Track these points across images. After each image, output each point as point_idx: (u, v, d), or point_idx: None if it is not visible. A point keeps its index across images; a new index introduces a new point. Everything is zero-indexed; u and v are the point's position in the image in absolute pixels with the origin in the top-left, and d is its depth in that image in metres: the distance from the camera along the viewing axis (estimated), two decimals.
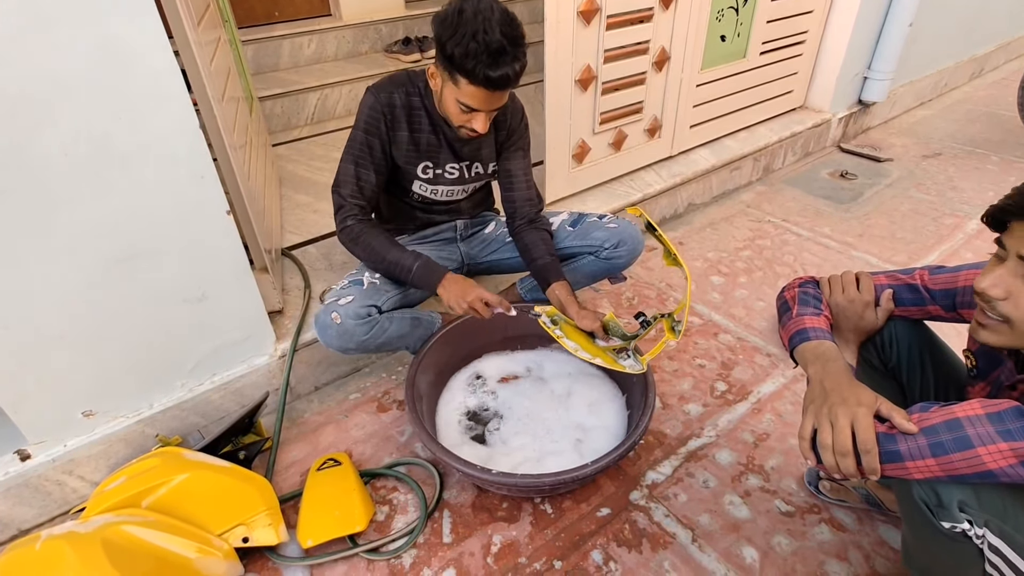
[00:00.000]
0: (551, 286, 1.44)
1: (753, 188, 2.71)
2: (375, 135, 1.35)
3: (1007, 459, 0.71)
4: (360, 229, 1.38)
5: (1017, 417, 0.71)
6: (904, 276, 1.04)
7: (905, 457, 0.77)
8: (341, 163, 1.38)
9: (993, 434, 0.72)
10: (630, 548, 1.24)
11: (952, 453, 0.74)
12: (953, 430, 0.74)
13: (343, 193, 1.38)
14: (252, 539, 1.19)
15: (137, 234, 1.19)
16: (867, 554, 1.22)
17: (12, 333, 1.13)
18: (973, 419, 0.74)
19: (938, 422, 0.76)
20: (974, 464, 0.73)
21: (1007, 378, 0.89)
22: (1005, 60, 4.22)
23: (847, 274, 1.06)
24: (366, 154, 1.36)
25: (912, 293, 1.02)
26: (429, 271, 1.36)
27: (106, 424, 1.33)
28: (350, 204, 1.38)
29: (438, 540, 1.27)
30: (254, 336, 1.47)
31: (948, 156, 2.96)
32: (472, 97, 1.22)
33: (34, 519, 1.32)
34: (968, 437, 0.73)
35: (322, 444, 1.49)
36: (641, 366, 1.32)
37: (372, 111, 1.33)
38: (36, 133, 1.02)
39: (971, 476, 0.75)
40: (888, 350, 1.07)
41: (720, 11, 2.27)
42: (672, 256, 1.26)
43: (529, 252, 1.49)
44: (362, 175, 1.37)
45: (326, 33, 3.16)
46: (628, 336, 1.37)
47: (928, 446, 0.75)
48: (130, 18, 1.03)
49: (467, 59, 1.15)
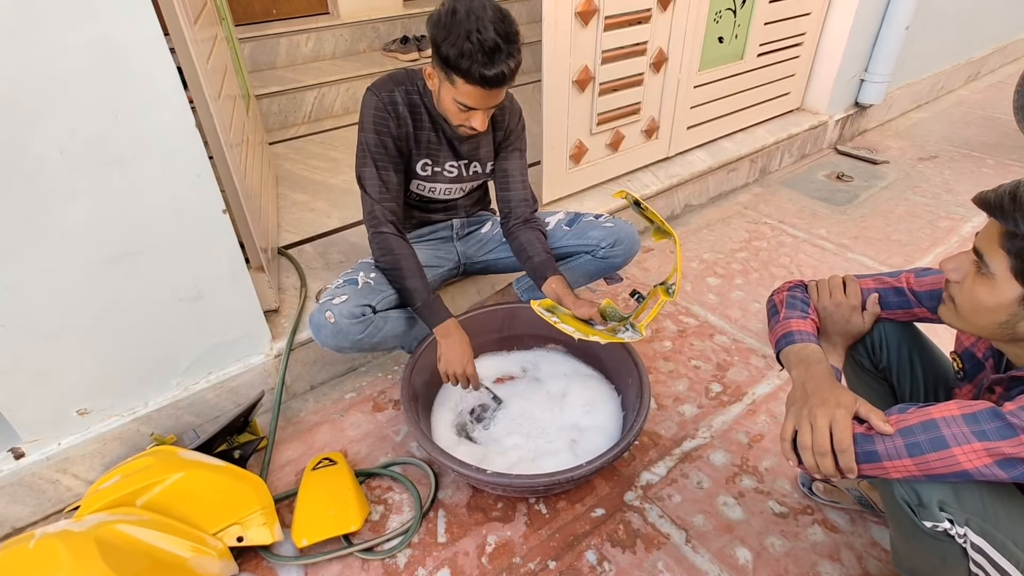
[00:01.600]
0: (547, 281, 1.44)
1: (750, 189, 2.71)
2: (386, 133, 1.34)
3: (981, 459, 0.73)
4: (396, 243, 1.37)
5: (992, 418, 0.73)
6: (890, 279, 1.05)
7: (883, 457, 0.79)
8: (362, 169, 1.36)
9: (968, 434, 0.74)
10: (624, 548, 1.25)
11: (928, 453, 0.76)
12: (929, 431, 0.76)
13: (372, 195, 1.36)
14: (247, 538, 1.19)
15: (132, 232, 1.18)
16: (860, 555, 1.23)
17: (7, 331, 1.12)
18: (949, 419, 0.76)
19: (914, 423, 0.78)
20: (950, 464, 0.75)
21: (987, 380, 0.91)
22: (1001, 63, 4.24)
23: (834, 278, 1.08)
24: (383, 154, 1.34)
25: (898, 296, 1.04)
26: (432, 312, 1.39)
27: (101, 422, 1.33)
28: (381, 208, 1.36)
29: (433, 540, 1.27)
30: (250, 335, 1.47)
31: (944, 159, 2.97)
32: (469, 96, 1.22)
33: (28, 517, 1.31)
34: (943, 437, 0.75)
35: (317, 443, 1.49)
36: (640, 334, 1.31)
37: (378, 110, 1.33)
38: (31, 131, 1.01)
39: (948, 476, 0.76)
40: (879, 352, 1.08)
41: (718, 13, 2.27)
42: (662, 230, 1.26)
43: (524, 250, 1.49)
44: (384, 176, 1.36)
45: (324, 31, 3.15)
46: (625, 316, 1.37)
47: (904, 446, 0.77)
48: (126, 16, 1.02)
49: (462, 59, 1.15)
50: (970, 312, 0.82)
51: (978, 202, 0.80)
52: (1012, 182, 0.78)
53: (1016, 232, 0.74)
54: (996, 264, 0.77)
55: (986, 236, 0.79)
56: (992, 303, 0.78)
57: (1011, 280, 0.76)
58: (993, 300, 0.78)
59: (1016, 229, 0.74)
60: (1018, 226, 0.74)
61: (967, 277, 0.82)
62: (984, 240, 0.79)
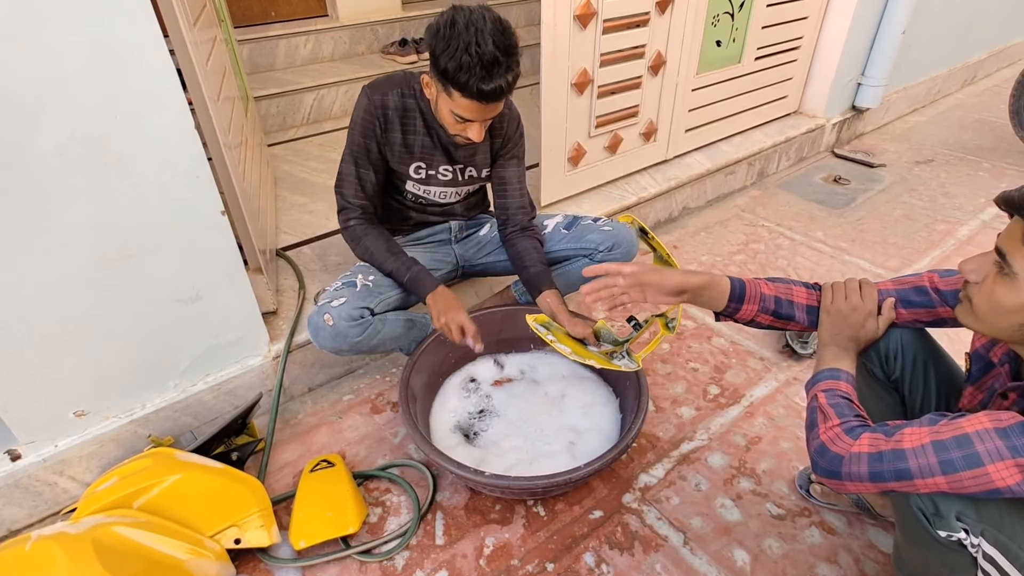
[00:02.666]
0: (542, 294, 1.44)
1: (747, 192, 2.72)
2: (370, 137, 1.36)
3: (1014, 476, 0.71)
4: (362, 231, 1.41)
5: (1022, 432, 0.71)
6: (911, 278, 1.02)
7: (915, 475, 0.77)
8: (342, 163, 1.40)
9: (1002, 449, 0.71)
10: (622, 550, 1.25)
11: (962, 471, 0.73)
12: (963, 447, 0.74)
13: (345, 193, 1.41)
14: (244, 540, 1.19)
15: (131, 234, 1.18)
16: (857, 557, 1.23)
17: (4, 332, 1.12)
18: (982, 434, 0.73)
19: (947, 437, 0.75)
20: (983, 482, 0.73)
21: (1000, 385, 0.89)
22: (997, 67, 4.26)
23: (850, 281, 1.04)
24: (364, 155, 1.38)
25: (920, 295, 1.00)
26: (419, 283, 1.40)
27: (98, 424, 1.33)
28: (352, 205, 1.41)
29: (431, 542, 1.27)
30: (248, 337, 1.47)
31: (940, 162, 2.98)
32: (466, 109, 1.22)
33: (24, 519, 1.31)
34: (978, 454, 0.73)
35: (315, 445, 1.49)
36: (636, 364, 1.32)
37: (366, 113, 1.34)
38: (30, 132, 1.01)
39: (978, 494, 0.74)
40: (892, 362, 1.05)
41: (716, 16, 2.28)
42: (664, 260, 1.27)
43: (521, 260, 1.49)
44: (362, 175, 1.39)
45: (322, 33, 3.16)
46: (620, 341, 1.38)
47: (939, 464, 0.75)
48: (126, 18, 1.02)
49: (460, 72, 1.14)
50: (989, 313, 0.80)
51: (1002, 201, 0.77)
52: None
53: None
54: (1020, 263, 0.74)
55: (1009, 236, 0.76)
56: (1013, 304, 0.76)
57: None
58: (1014, 301, 0.76)
59: None
60: None
61: (987, 278, 0.79)
62: (1007, 240, 0.77)
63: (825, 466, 0.86)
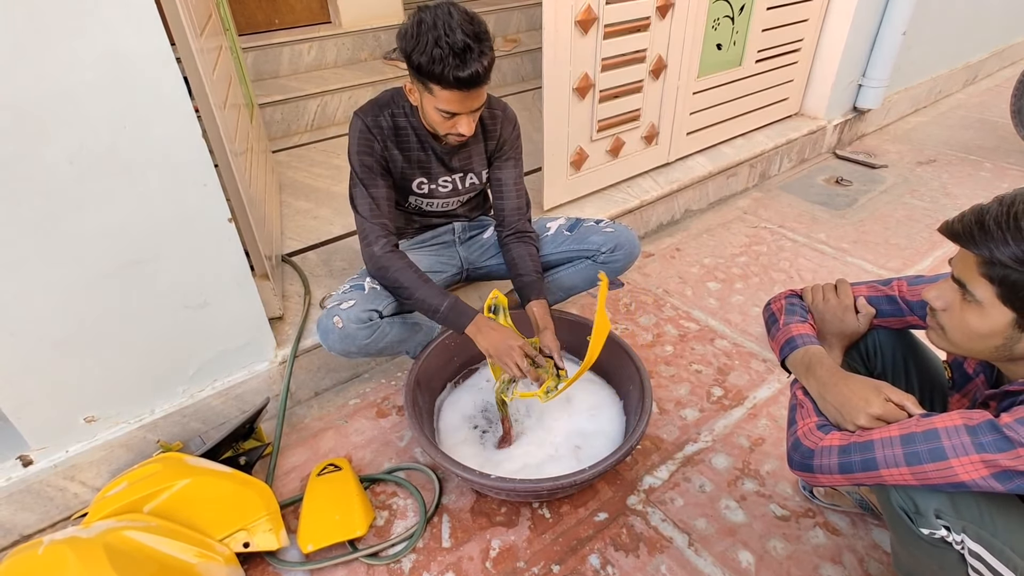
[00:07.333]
0: (530, 303, 1.46)
1: (749, 194, 2.73)
2: (370, 154, 1.35)
3: (979, 471, 0.73)
4: (388, 261, 1.36)
5: (990, 430, 0.73)
6: (883, 287, 1.06)
7: (880, 465, 0.80)
8: (352, 189, 1.38)
9: (968, 445, 0.74)
10: (627, 552, 1.25)
11: (926, 463, 0.76)
12: (930, 440, 0.76)
13: (364, 215, 1.37)
14: (253, 544, 1.20)
15: (140, 241, 1.20)
16: (861, 558, 1.24)
17: (15, 338, 1.14)
18: (951, 430, 0.76)
19: (917, 431, 0.78)
20: (947, 475, 0.75)
21: (979, 394, 0.92)
22: (999, 67, 4.26)
23: (826, 283, 1.11)
24: (369, 173, 1.36)
25: (891, 305, 1.04)
26: (458, 313, 1.34)
27: (108, 430, 1.34)
28: (372, 225, 1.37)
29: (437, 545, 1.28)
30: (255, 342, 1.48)
31: (942, 162, 2.98)
32: (448, 102, 1.22)
33: (36, 524, 1.32)
34: (943, 448, 0.75)
35: (322, 449, 1.50)
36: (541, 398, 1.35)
37: (363, 133, 1.35)
38: (42, 142, 1.03)
39: (944, 486, 0.76)
40: (873, 358, 1.09)
41: (716, 20, 2.30)
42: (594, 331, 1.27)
43: (516, 267, 1.50)
44: (374, 193, 1.37)
45: (326, 40, 3.18)
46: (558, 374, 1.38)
47: (904, 455, 0.78)
48: (134, 28, 1.04)
49: (435, 65, 1.15)
50: (963, 339, 0.81)
51: (946, 233, 0.79)
52: (973, 208, 0.77)
53: (992, 260, 0.73)
54: (981, 292, 0.76)
55: (963, 265, 0.78)
56: (986, 329, 0.77)
57: (999, 306, 0.75)
58: (986, 327, 0.77)
59: (992, 257, 0.73)
60: (992, 254, 0.72)
61: (953, 305, 0.81)
62: (961, 269, 0.78)
63: (799, 460, 0.90)
